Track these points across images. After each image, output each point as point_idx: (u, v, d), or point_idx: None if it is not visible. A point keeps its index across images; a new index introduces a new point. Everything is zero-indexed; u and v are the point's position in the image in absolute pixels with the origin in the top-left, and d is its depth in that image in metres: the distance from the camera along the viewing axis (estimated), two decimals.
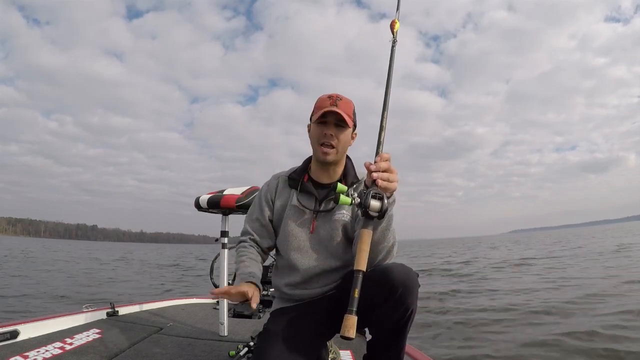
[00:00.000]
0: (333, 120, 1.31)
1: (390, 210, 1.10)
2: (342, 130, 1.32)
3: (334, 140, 1.31)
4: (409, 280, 1.11)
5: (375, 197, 1.02)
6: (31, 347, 1.81)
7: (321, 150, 1.32)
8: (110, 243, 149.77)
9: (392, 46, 1.30)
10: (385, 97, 1.19)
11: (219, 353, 1.91)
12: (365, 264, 0.99)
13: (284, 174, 1.48)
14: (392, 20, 1.35)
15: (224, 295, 1.14)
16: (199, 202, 2.25)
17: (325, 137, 1.31)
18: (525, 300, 5.53)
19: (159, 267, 16.05)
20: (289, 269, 1.38)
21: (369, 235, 1.02)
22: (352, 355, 1.85)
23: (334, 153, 1.33)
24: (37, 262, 16.03)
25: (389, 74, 1.24)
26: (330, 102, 1.31)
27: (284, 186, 1.44)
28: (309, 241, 1.35)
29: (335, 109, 1.28)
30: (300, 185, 1.39)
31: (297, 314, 1.30)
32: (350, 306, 0.94)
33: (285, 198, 1.42)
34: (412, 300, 1.12)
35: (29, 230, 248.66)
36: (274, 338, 1.18)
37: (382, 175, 1.02)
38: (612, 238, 26.80)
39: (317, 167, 1.41)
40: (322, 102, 1.33)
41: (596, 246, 18.52)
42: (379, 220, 1.06)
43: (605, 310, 4.54)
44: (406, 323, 1.15)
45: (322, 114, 1.29)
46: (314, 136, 1.35)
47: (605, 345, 3.28)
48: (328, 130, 1.31)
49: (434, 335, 4.05)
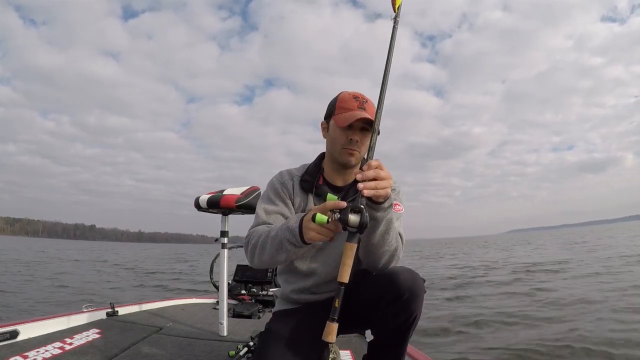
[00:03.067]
0: (360, 124, 1.22)
1: (387, 215, 1.08)
2: (366, 134, 1.24)
3: (359, 145, 1.24)
4: (415, 285, 1.10)
5: (354, 211, 0.97)
6: (31, 347, 1.81)
7: (347, 152, 1.24)
8: (108, 243, 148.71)
9: (393, 25, 1.19)
10: (382, 87, 1.10)
11: (219, 353, 1.91)
12: (347, 277, 0.99)
13: (296, 174, 1.36)
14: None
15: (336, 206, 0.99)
16: (198, 202, 2.25)
17: (351, 143, 1.23)
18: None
19: (124, 269, 14.53)
20: (301, 276, 1.32)
21: (352, 249, 0.98)
22: (352, 356, 1.85)
23: (358, 156, 1.26)
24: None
25: (388, 58, 1.14)
26: (357, 104, 1.23)
27: (297, 186, 1.34)
28: (328, 249, 1.29)
29: (366, 115, 1.19)
30: (315, 189, 1.30)
31: (301, 315, 1.29)
32: (332, 314, 0.98)
33: (303, 200, 1.32)
34: (417, 305, 1.11)
35: (27, 230, 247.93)
36: (276, 338, 1.18)
37: (367, 184, 0.98)
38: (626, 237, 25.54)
39: (333, 169, 1.33)
40: (348, 103, 1.24)
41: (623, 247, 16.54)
42: (359, 234, 0.99)
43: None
44: (409, 327, 1.14)
45: (354, 120, 1.19)
46: (338, 140, 1.25)
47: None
48: (354, 136, 1.23)
49: (434, 336, 4.06)
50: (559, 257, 13.31)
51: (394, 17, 1.21)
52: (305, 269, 1.31)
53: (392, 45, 1.16)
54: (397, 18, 1.20)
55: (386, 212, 1.08)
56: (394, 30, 1.18)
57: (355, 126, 1.22)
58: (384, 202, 1.05)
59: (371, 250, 1.15)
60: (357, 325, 1.37)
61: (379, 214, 1.07)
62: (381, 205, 1.06)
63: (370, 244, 1.13)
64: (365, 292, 1.19)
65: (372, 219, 1.07)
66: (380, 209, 1.06)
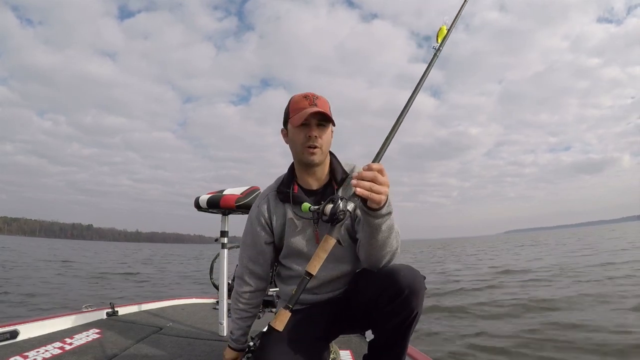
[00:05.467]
0: (315, 121, 1.24)
1: (386, 221, 1.07)
2: (324, 129, 1.26)
3: (319, 140, 1.25)
4: (416, 283, 1.10)
5: (332, 200, 1.04)
6: (31, 347, 1.81)
7: (308, 151, 1.25)
8: (106, 243, 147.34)
9: (434, 54, 1.21)
10: (405, 106, 1.12)
11: (219, 353, 1.91)
12: (315, 269, 1.02)
13: (272, 189, 1.40)
14: (441, 26, 1.25)
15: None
16: (198, 202, 2.25)
17: (310, 140, 1.24)
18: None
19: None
20: (298, 278, 1.35)
21: (329, 242, 1.02)
22: (352, 356, 1.86)
23: (320, 153, 1.27)
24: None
25: (420, 82, 1.16)
26: (308, 102, 1.25)
27: (276, 202, 1.37)
28: (315, 251, 1.31)
29: (318, 109, 1.22)
30: (292, 198, 1.32)
31: (302, 316, 1.29)
32: (289, 302, 1.02)
33: (282, 214, 1.35)
34: (418, 303, 1.10)
35: (24, 229, 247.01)
36: (277, 339, 1.17)
37: (361, 184, 0.97)
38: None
39: (303, 172, 1.34)
40: (299, 103, 1.26)
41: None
42: (331, 225, 1.03)
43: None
44: (410, 325, 1.13)
45: (306, 116, 1.21)
46: (297, 140, 1.27)
47: None
48: (312, 132, 1.24)
49: (433, 335, 4.07)
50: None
51: (436, 47, 1.22)
52: (301, 272, 1.29)
53: (426, 74, 1.19)
54: (441, 48, 1.22)
55: (384, 219, 1.06)
56: (433, 60, 1.21)
57: (311, 123, 1.24)
58: (379, 208, 1.03)
59: (372, 253, 1.15)
60: (358, 326, 1.37)
61: (377, 221, 1.05)
62: (378, 212, 1.03)
63: (372, 248, 1.13)
64: (364, 290, 1.20)
65: (370, 226, 1.07)
66: (377, 215, 1.04)
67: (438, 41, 1.23)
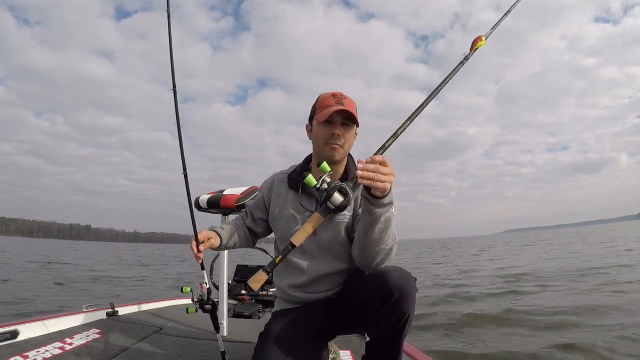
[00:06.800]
0: (340, 119, 1.27)
1: (386, 212, 1.07)
2: (348, 129, 1.29)
3: (341, 139, 1.27)
4: (406, 284, 1.09)
5: (341, 191, 1.07)
6: (31, 347, 1.81)
7: (329, 147, 1.27)
8: (104, 243, 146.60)
9: (461, 60, 1.24)
10: (420, 107, 1.17)
11: (219, 353, 1.91)
12: (300, 241, 1.10)
13: (284, 173, 1.43)
14: (478, 36, 1.26)
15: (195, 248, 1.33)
16: (198, 202, 2.25)
17: (333, 137, 1.26)
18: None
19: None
20: (293, 271, 1.34)
21: (318, 220, 1.11)
22: (352, 356, 1.86)
23: (341, 151, 1.29)
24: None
25: (439, 87, 1.21)
26: (335, 100, 1.27)
27: (281, 185, 1.40)
28: (312, 244, 1.31)
29: (343, 107, 1.24)
30: (301, 187, 1.32)
31: (299, 315, 1.30)
32: (268, 266, 1.09)
33: (283, 199, 1.38)
34: (409, 305, 1.10)
35: (22, 230, 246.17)
36: (274, 338, 1.18)
37: (365, 173, 0.97)
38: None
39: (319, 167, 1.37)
40: (326, 101, 1.28)
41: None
42: (334, 213, 1.11)
43: None
44: (403, 327, 1.13)
45: (331, 113, 1.24)
46: (320, 136, 1.29)
47: None
48: (335, 130, 1.26)
49: (432, 334, 4.08)
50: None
51: (466, 54, 1.26)
52: (297, 264, 1.33)
53: (446, 81, 1.23)
54: (469, 56, 1.25)
55: (385, 209, 1.06)
56: (458, 67, 1.24)
57: (335, 121, 1.27)
58: (382, 197, 1.03)
59: (367, 247, 1.14)
60: (353, 326, 1.38)
61: (378, 210, 1.05)
62: (380, 201, 1.03)
63: (367, 241, 1.12)
64: (357, 292, 1.20)
65: (370, 215, 1.07)
66: (379, 204, 1.04)
67: (471, 50, 1.26)
